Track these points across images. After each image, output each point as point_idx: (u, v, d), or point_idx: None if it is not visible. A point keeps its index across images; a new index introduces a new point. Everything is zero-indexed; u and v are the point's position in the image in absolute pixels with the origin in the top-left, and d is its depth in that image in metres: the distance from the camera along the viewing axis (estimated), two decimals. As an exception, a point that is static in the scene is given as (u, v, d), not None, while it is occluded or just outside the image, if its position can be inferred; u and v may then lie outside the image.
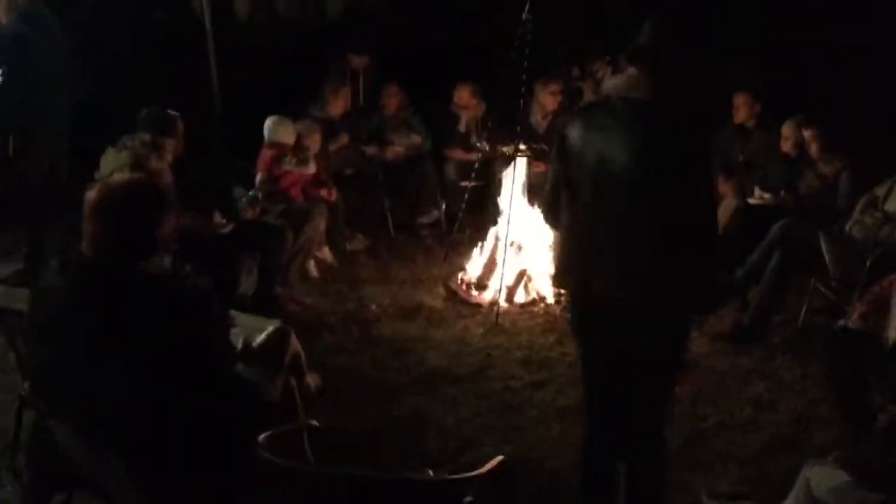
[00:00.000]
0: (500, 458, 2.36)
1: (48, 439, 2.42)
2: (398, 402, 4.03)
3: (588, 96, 7.17)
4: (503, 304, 5.24)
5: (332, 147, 6.43)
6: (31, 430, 2.72)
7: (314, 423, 2.66)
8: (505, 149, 5.67)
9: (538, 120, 6.88)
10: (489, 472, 2.22)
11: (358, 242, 6.40)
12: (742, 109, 5.98)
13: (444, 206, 6.75)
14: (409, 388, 4.16)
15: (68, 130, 5.26)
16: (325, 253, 6.02)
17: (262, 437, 2.22)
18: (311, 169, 5.77)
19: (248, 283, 5.06)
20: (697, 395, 4.12)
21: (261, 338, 2.95)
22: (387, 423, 3.81)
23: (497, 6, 6.59)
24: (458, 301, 5.34)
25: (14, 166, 5.01)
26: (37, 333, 2.40)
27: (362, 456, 2.92)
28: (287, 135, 5.72)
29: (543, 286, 5.37)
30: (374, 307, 5.24)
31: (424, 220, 6.76)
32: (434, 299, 5.37)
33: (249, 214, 5.08)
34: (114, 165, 4.33)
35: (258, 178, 5.59)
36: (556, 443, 3.68)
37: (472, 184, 6.23)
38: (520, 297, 5.35)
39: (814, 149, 5.18)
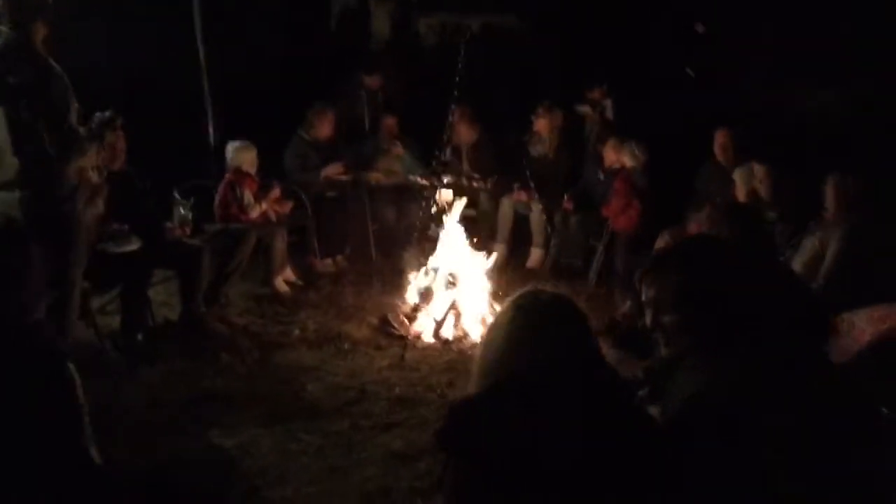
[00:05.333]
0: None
1: None
2: (233, 434, 3.88)
3: (590, 125, 6.87)
4: (428, 339, 5.09)
5: (326, 173, 6.48)
6: None
7: None
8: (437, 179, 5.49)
9: (541, 149, 6.66)
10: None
11: (328, 266, 6.41)
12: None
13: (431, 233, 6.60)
14: (259, 420, 4.02)
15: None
16: (288, 273, 6.07)
17: None
18: (259, 210, 5.84)
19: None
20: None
21: None
22: (197, 456, 3.72)
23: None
24: (385, 332, 5.21)
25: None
26: None
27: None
28: (248, 161, 5.84)
29: (469, 323, 5.15)
30: (296, 332, 5.21)
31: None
32: (361, 329, 5.26)
33: (178, 233, 5.17)
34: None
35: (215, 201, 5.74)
36: (357, 489, 3.48)
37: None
38: (447, 332, 5.15)
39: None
